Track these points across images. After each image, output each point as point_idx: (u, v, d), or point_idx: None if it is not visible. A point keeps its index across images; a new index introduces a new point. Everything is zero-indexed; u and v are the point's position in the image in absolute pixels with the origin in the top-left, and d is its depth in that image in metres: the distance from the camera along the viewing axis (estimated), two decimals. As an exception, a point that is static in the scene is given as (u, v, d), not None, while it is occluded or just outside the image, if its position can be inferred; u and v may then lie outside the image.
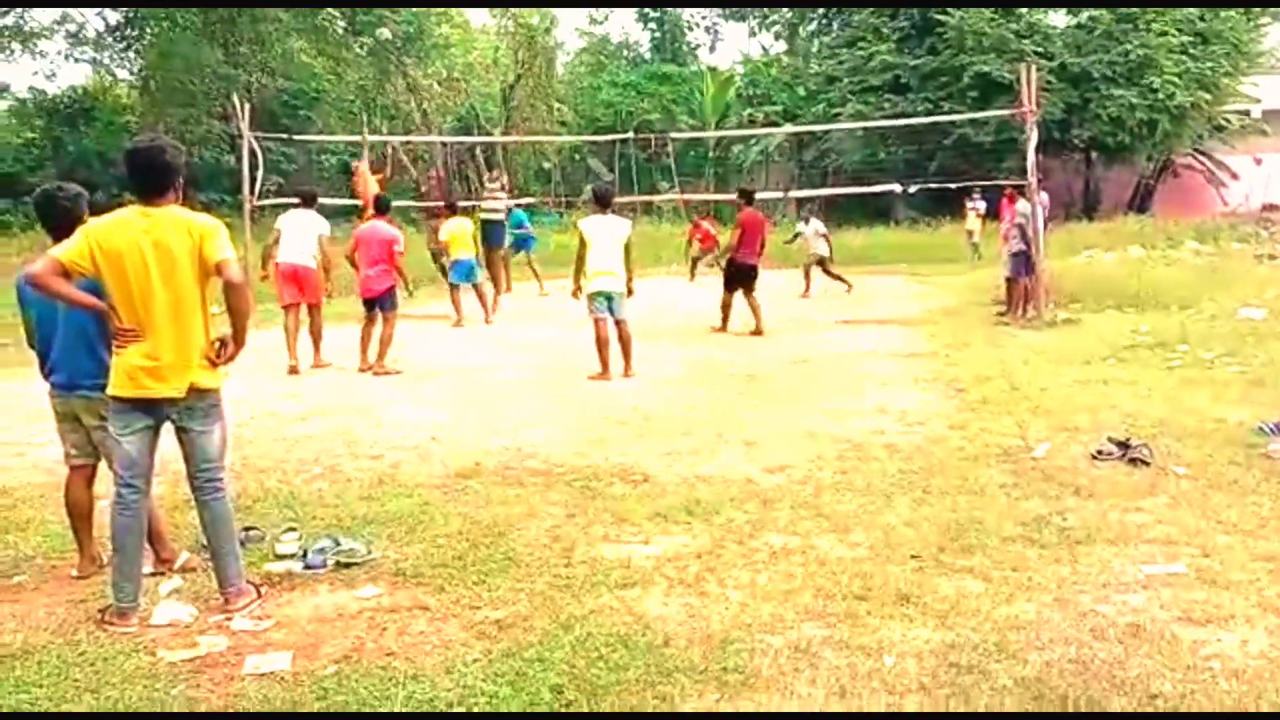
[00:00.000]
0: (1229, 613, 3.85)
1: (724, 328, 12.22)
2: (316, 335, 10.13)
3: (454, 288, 13.27)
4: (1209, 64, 26.08)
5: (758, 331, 11.89)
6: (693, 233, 19.87)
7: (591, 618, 3.91)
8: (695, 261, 19.19)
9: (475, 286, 13.46)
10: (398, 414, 7.73)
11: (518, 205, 18.73)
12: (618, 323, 9.19)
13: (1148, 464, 5.85)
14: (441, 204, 16.66)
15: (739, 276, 12.24)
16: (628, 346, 9.24)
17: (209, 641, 3.78)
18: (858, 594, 4.10)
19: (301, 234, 9.98)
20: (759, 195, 27.76)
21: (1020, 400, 7.74)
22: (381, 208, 10.63)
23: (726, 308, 12.31)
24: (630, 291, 9.34)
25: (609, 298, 9.10)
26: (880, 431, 6.88)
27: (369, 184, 14.45)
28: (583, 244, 9.17)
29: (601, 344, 9.09)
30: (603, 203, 9.49)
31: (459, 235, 13.27)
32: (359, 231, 10.36)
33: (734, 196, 23.87)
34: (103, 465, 4.40)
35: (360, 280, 10.00)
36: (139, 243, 3.82)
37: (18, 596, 4.28)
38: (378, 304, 9.88)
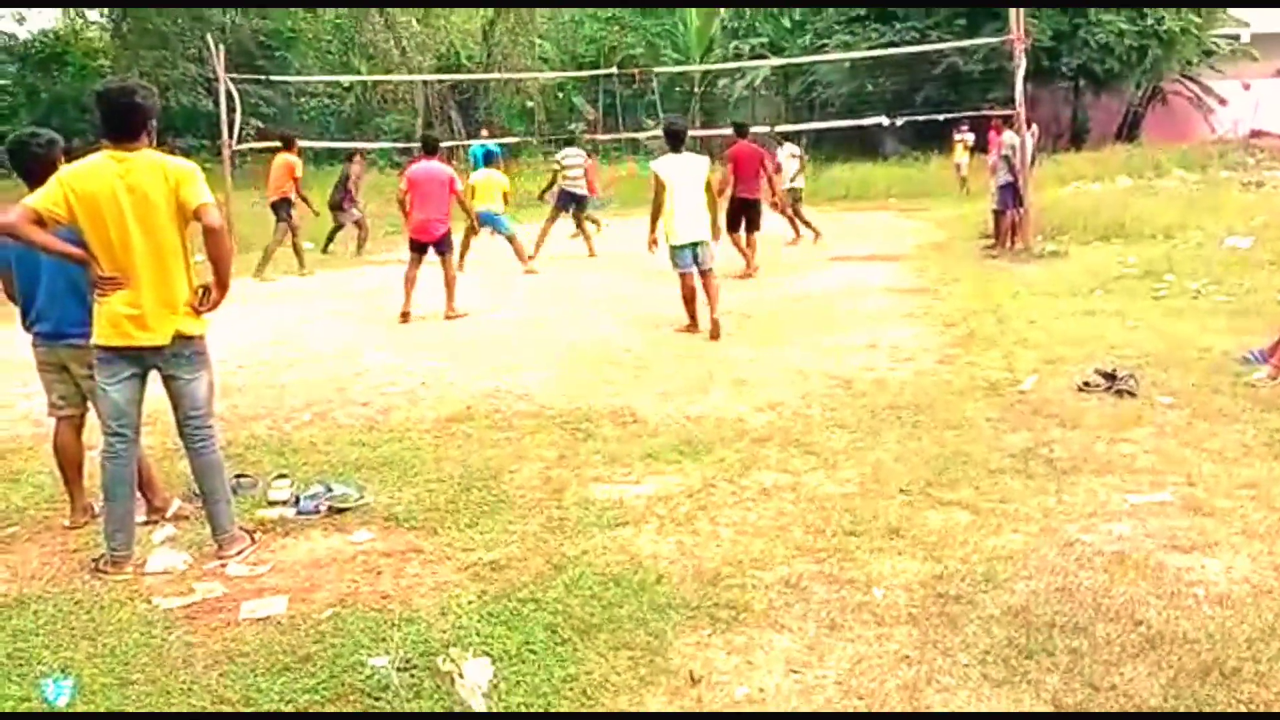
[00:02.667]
0: (1213, 539, 3.91)
1: (749, 271, 11.44)
2: None
3: (510, 238, 12.70)
4: (1198, -14, 25.77)
5: (748, 274, 11.43)
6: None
7: (584, 557, 3.94)
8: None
9: (509, 238, 12.87)
10: (387, 360, 7.71)
11: (485, 142, 18.21)
12: (704, 274, 8.28)
13: (1134, 395, 5.89)
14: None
15: (740, 213, 11.55)
16: (714, 301, 8.23)
17: (204, 588, 3.80)
18: (847, 529, 4.14)
19: None
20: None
21: (1008, 334, 7.76)
22: (431, 148, 10.12)
23: (740, 247, 11.53)
24: (716, 234, 8.45)
25: (695, 247, 8.22)
26: (870, 368, 6.90)
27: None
28: (660, 189, 8.13)
29: (689, 298, 8.31)
30: (676, 140, 8.33)
31: (486, 187, 12.78)
32: (412, 173, 9.83)
33: (721, 132, 23.66)
34: (92, 415, 4.39)
35: (416, 223, 9.56)
36: (114, 188, 3.76)
37: (10, 548, 4.28)
38: (437, 247, 9.55)
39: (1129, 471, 4.72)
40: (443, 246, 9.62)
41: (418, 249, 9.60)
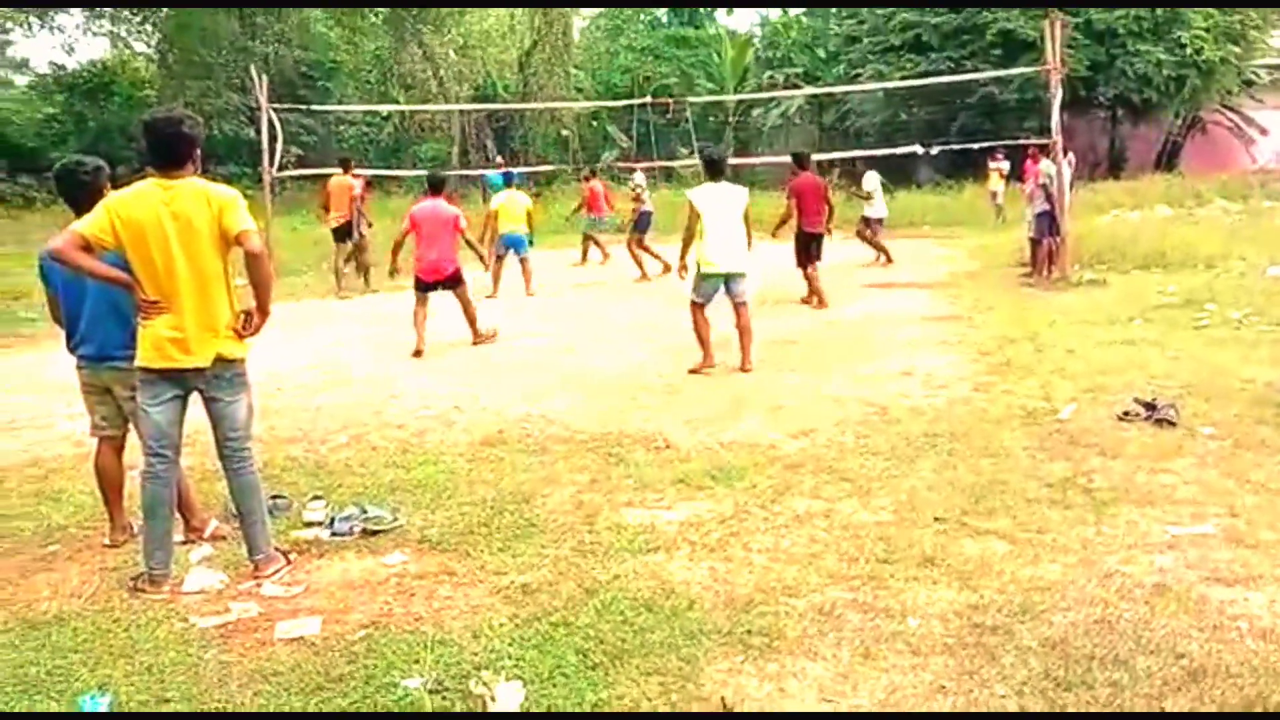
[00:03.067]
0: (1257, 572, 3.83)
1: (824, 302, 11.15)
2: None
3: (499, 259, 12.89)
4: (1237, 17, 25.53)
5: (807, 302, 11.27)
6: (587, 198, 16.53)
7: (616, 582, 3.93)
8: (587, 238, 16.55)
9: (522, 260, 13.20)
10: (421, 384, 7.77)
11: (502, 170, 18.45)
12: (737, 307, 8.01)
13: (1174, 425, 5.81)
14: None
15: (808, 245, 11.30)
16: (746, 335, 8.00)
17: (240, 607, 3.84)
18: (881, 557, 4.10)
19: None
20: (780, 159, 27.39)
21: (1045, 362, 7.69)
22: (436, 186, 9.92)
23: (813, 281, 11.25)
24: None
25: (727, 279, 7.94)
26: (904, 395, 6.86)
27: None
28: (694, 217, 7.87)
29: (702, 328, 7.98)
30: (714, 169, 8.12)
31: (509, 209, 13.07)
32: (416, 212, 9.56)
33: (754, 161, 23.70)
34: (132, 435, 4.46)
35: (425, 263, 9.36)
36: (159, 214, 3.84)
37: (51, 565, 4.35)
38: (448, 284, 9.38)
39: (1170, 502, 4.64)
40: (451, 283, 9.41)
41: (424, 288, 9.42)
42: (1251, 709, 2.91)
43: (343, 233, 13.66)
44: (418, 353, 9.03)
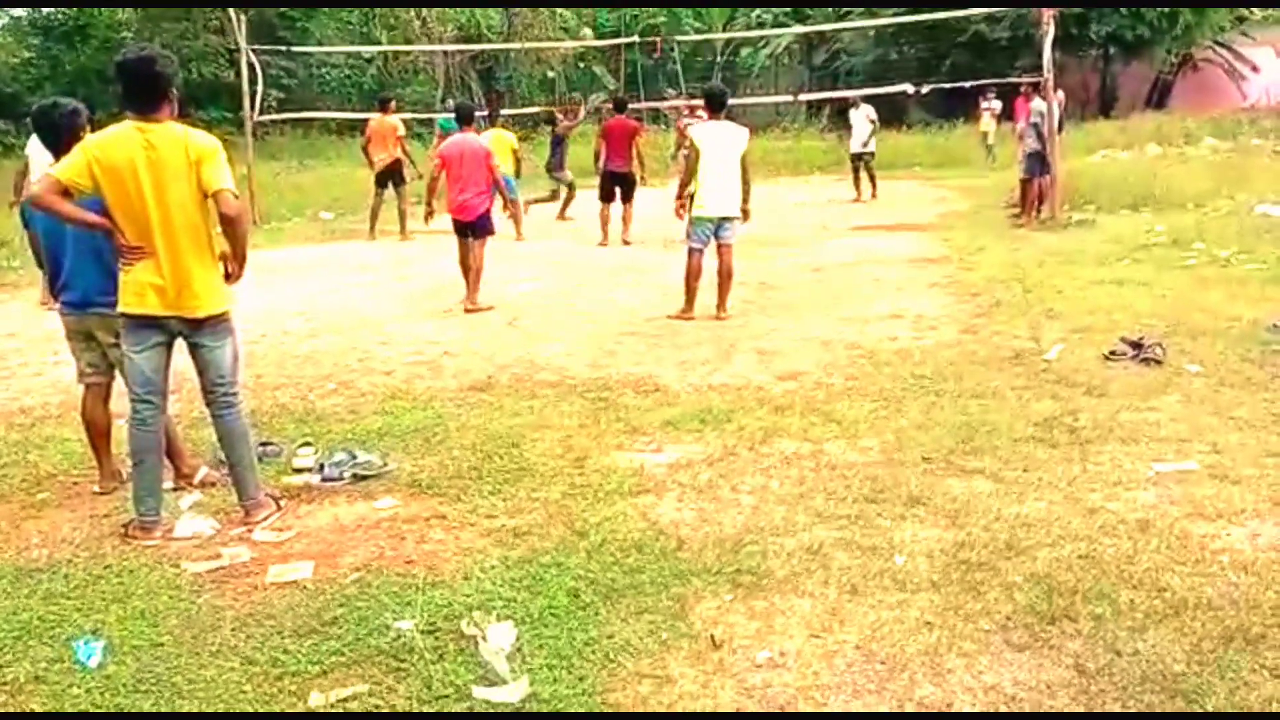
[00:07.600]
0: (1239, 507, 3.88)
1: (606, 240, 12.23)
2: None
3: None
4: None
5: (625, 241, 12.16)
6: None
7: (606, 524, 3.96)
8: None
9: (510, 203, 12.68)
10: (410, 330, 7.75)
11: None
12: (721, 249, 7.74)
13: (1160, 363, 5.84)
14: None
15: (609, 185, 12.45)
16: (727, 279, 7.80)
17: (231, 553, 3.85)
18: (868, 496, 4.14)
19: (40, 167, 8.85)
20: (769, 100, 27.02)
21: (1033, 303, 7.70)
22: (465, 118, 9.12)
23: (605, 220, 12.37)
24: (746, 215, 7.85)
25: (718, 223, 7.71)
26: (893, 337, 6.87)
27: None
28: (695, 154, 7.67)
29: (692, 276, 7.79)
30: (717, 106, 7.89)
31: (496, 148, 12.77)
32: (444, 149, 8.89)
33: (743, 102, 23.42)
34: (119, 382, 4.43)
35: (455, 203, 8.60)
36: (136, 159, 3.76)
37: (41, 513, 4.35)
38: (473, 229, 8.54)
39: (1155, 440, 4.68)
40: (475, 229, 8.55)
41: (461, 231, 8.66)
42: (1231, 640, 2.96)
43: (384, 176, 13.23)
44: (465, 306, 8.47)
